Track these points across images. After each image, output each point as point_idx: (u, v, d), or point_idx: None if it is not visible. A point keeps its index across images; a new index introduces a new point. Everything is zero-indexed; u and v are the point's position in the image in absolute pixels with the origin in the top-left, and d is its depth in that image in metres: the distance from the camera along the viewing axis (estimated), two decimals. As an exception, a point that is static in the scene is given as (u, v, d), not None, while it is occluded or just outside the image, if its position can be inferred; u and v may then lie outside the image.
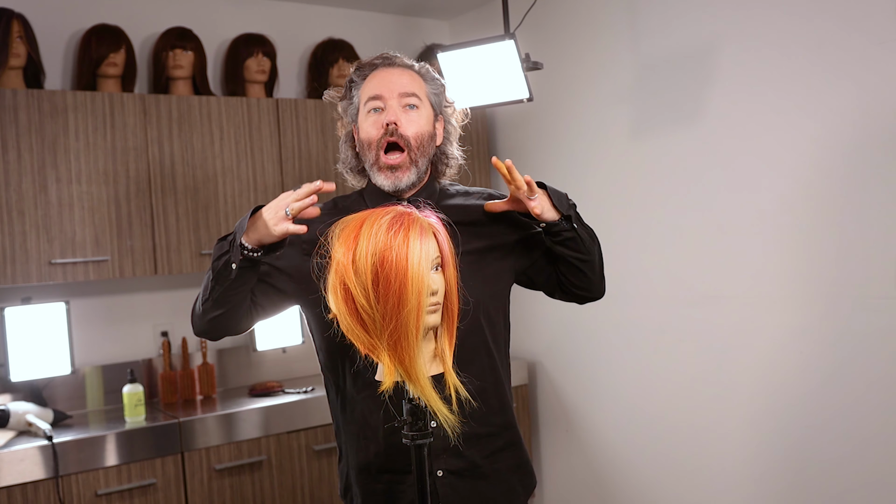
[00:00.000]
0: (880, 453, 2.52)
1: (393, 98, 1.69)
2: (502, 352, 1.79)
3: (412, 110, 1.70)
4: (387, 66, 1.74)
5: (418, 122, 1.70)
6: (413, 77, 1.74)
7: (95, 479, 2.75)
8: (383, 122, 1.68)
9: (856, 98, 2.54)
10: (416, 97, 1.71)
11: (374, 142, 1.69)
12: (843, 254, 2.59)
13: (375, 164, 1.70)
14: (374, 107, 1.70)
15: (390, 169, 1.69)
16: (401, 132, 1.68)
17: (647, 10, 3.18)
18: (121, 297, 3.35)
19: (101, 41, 3.12)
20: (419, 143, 1.70)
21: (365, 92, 1.73)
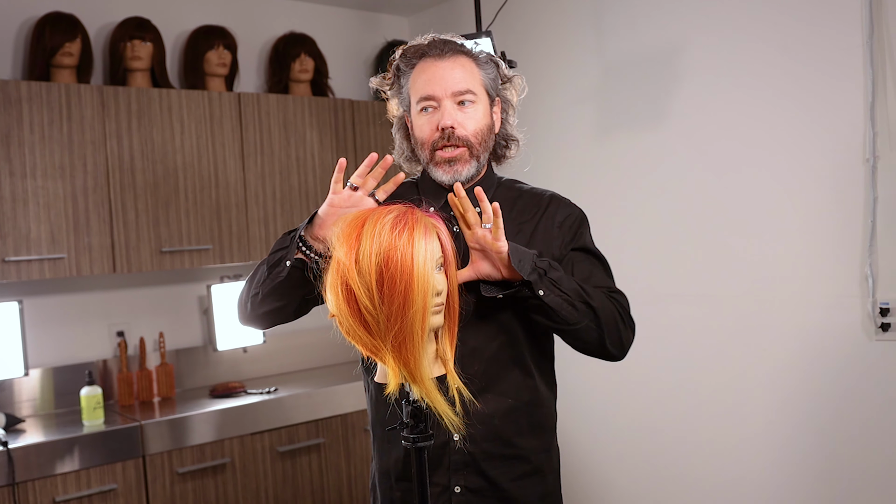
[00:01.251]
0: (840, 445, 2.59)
1: (446, 97, 1.59)
2: (544, 370, 1.69)
3: (468, 106, 1.60)
4: (437, 58, 1.61)
5: (475, 118, 1.61)
6: (465, 67, 1.61)
7: (53, 485, 2.64)
8: (438, 125, 1.59)
9: (820, 101, 2.60)
10: (470, 93, 1.60)
11: (429, 142, 1.62)
12: (805, 253, 2.65)
13: (431, 161, 1.63)
14: (426, 106, 1.61)
15: (448, 163, 1.61)
16: (458, 134, 1.59)
17: (613, 12, 3.21)
18: (74, 296, 3.23)
19: (55, 30, 2.99)
20: (479, 139, 1.62)
21: (416, 88, 1.62)
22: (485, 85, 1.64)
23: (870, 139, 2.46)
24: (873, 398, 2.51)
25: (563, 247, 1.65)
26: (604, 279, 1.66)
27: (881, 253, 2.47)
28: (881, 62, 2.45)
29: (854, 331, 2.55)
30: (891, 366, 2.47)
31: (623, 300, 1.63)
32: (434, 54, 1.62)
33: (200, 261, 3.19)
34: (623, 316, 1.60)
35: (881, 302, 2.47)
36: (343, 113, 3.61)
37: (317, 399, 3.21)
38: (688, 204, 3.00)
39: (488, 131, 1.65)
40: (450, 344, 1.48)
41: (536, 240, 1.65)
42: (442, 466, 1.59)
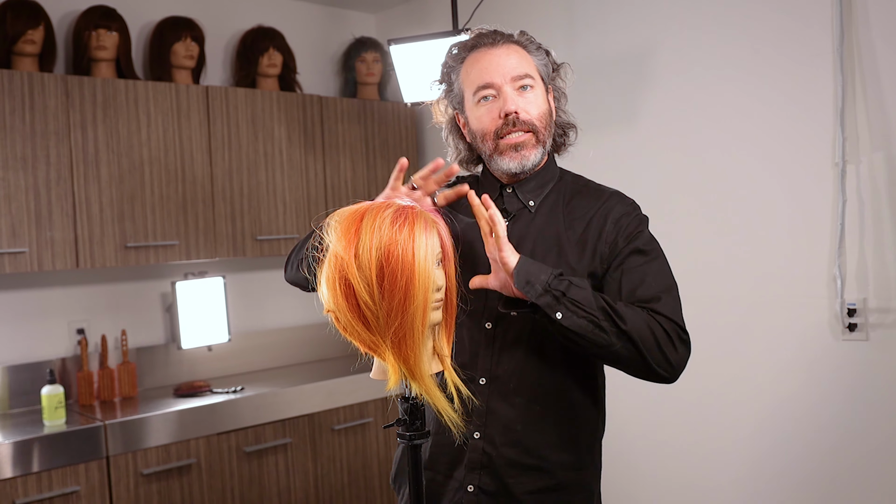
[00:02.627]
0: (808, 444, 2.64)
1: (506, 83, 1.54)
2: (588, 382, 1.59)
3: (528, 91, 1.56)
4: (490, 47, 1.58)
5: (536, 103, 1.57)
6: (520, 53, 1.58)
7: (13, 487, 2.54)
8: (502, 111, 1.54)
9: (791, 105, 2.65)
10: (529, 77, 1.56)
11: (492, 132, 1.56)
12: (775, 254, 2.70)
13: (495, 150, 1.57)
14: (485, 95, 1.56)
15: (514, 148, 1.55)
16: (523, 119, 1.54)
17: (585, 13, 3.23)
18: (32, 291, 3.13)
19: (17, 16, 2.89)
20: (543, 123, 1.58)
21: (471, 79, 1.58)
22: (539, 71, 1.61)
23: (839, 144, 2.52)
24: (840, 397, 2.56)
25: (615, 245, 1.56)
26: (653, 287, 1.51)
27: (849, 255, 2.53)
28: (851, 68, 2.50)
29: (822, 331, 2.60)
30: (857, 365, 2.53)
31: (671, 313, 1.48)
32: (486, 44, 1.59)
33: (166, 256, 3.11)
34: (668, 333, 1.46)
35: (848, 303, 2.52)
36: (311, 108, 3.56)
37: (283, 398, 3.17)
38: (656, 205, 3.02)
39: (549, 116, 1.61)
40: (447, 340, 1.46)
41: (589, 235, 1.57)
42: (461, 462, 1.57)
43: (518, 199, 1.61)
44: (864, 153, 2.49)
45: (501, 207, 1.60)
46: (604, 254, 1.56)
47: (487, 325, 1.57)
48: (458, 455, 1.57)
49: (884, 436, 2.47)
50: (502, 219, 1.44)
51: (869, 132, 2.48)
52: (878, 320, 2.49)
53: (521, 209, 1.61)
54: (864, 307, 2.50)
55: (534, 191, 1.61)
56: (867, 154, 2.49)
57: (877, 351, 2.49)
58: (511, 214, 1.60)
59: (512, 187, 1.61)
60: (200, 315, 3.38)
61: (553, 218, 1.60)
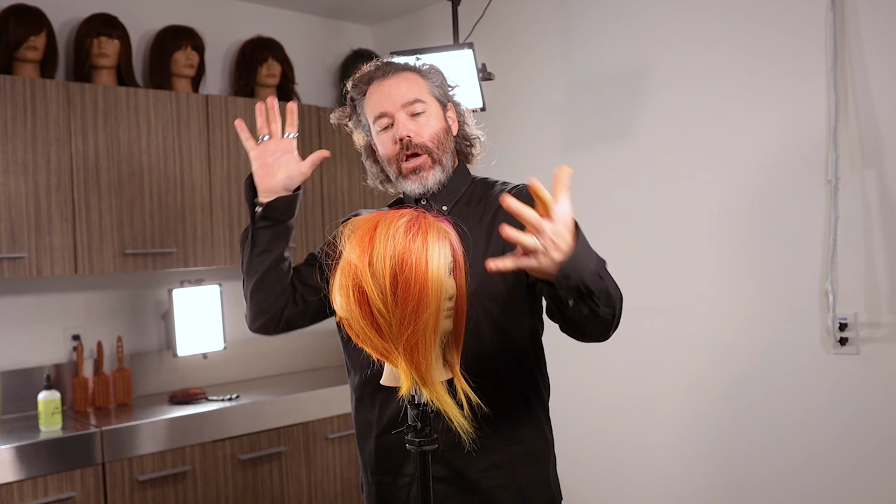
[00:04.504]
0: (810, 465, 2.68)
1: (398, 111, 1.67)
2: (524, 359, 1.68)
3: (420, 116, 1.68)
4: (382, 78, 1.70)
5: (429, 125, 1.69)
6: (410, 80, 1.70)
7: (9, 493, 2.54)
8: (395, 137, 1.67)
9: (781, 125, 2.70)
10: (419, 102, 1.68)
11: (394, 157, 1.69)
12: (768, 269, 2.75)
13: (400, 174, 1.70)
14: (383, 125, 1.69)
15: (414, 172, 1.68)
16: (416, 143, 1.66)
17: (582, 29, 3.27)
18: (29, 297, 3.12)
19: (20, 23, 2.91)
20: (436, 143, 1.69)
21: (369, 110, 1.71)
22: (433, 93, 1.72)
23: (832, 161, 2.57)
24: (831, 410, 2.61)
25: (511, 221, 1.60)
26: None
27: (841, 270, 2.58)
28: (844, 87, 2.56)
29: (813, 345, 2.65)
30: (847, 379, 2.57)
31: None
32: (379, 76, 1.70)
33: (164, 264, 3.12)
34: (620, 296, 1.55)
35: (840, 317, 2.57)
36: (309, 119, 3.59)
37: (278, 407, 3.18)
38: (651, 218, 3.07)
39: (445, 135, 1.71)
40: (456, 348, 1.49)
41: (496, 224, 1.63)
42: (408, 459, 1.64)
43: (432, 208, 1.69)
44: (856, 170, 2.55)
45: None
46: None
47: None
48: (403, 452, 1.62)
49: (873, 449, 2.52)
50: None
51: (861, 149, 2.54)
52: (868, 335, 2.53)
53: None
54: (856, 322, 2.55)
55: (446, 198, 1.73)
56: (859, 171, 2.54)
57: (867, 365, 2.53)
58: None
59: (427, 199, 1.72)
60: (196, 323, 3.38)
61: (464, 216, 1.68)
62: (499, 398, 1.62)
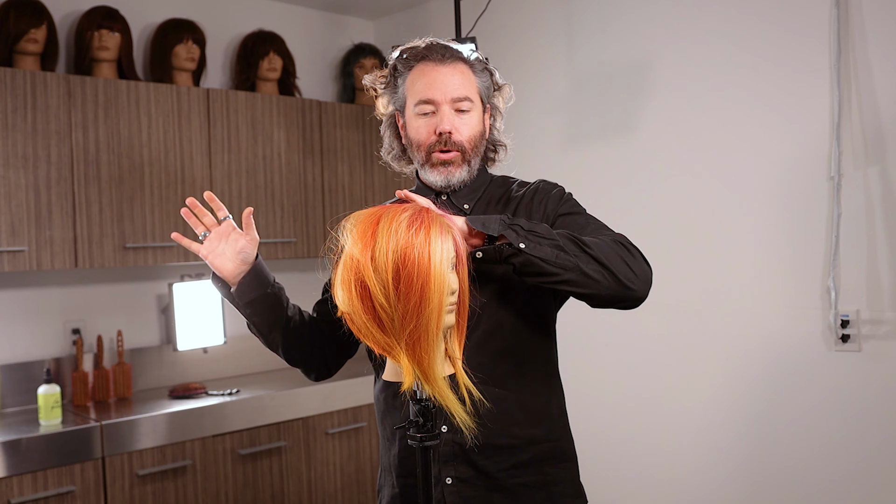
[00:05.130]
0: (812, 462, 2.68)
1: (446, 103, 1.63)
2: (540, 359, 1.68)
3: (465, 114, 1.65)
4: (437, 63, 1.65)
5: (470, 125, 1.66)
6: (464, 74, 1.66)
7: (8, 487, 2.54)
8: (437, 129, 1.63)
9: (784, 122, 2.69)
10: (468, 100, 1.64)
11: (426, 145, 1.66)
12: (770, 266, 2.74)
13: (427, 162, 1.66)
14: (425, 111, 1.64)
15: (443, 164, 1.65)
16: (454, 139, 1.63)
17: (584, 25, 3.26)
18: (29, 290, 3.12)
19: (20, 15, 2.90)
20: (472, 144, 1.66)
21: (415, 90, 1.66)
22: (480, 92, 1.69)
23: (835, 157, 2.56)
24: (832, 407, 2.60)
25: (545, 216, 1.65)
26: (599, 228, 1.60)
27: (843, 267, 2.57)
28: (847, 84, 2.55)
29: (815, 341, 2.64)
30: (849, 375, 2.57)
31: (622, 238, 1.54)
32: (435, 59, 1.65)
33: (164, 258, 3.11)
34: (627, 247, 1.51)
35: (842, 314, 2.56)
36: (311, 113, 3.58)
37: (278, 401, 3.17)
38: (653, 215, 3.07)
39: (480, 137, 1.69)
40: (459, 343, 1.48)
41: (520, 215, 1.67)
42: (435, 460, 1.60)
43: (453, 205, 1.69)
44: (859, 167, 2.54)
45: None
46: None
47: None
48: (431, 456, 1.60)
49: (875, 446, 2.51)
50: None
51: (864, 146, 2.53)
52: (870, 332, 2.53)
53: (457, 213, 1.66)
54: (857, 319, 2.54)
55: (467, 196, 1.71)
56: (862, 168, 2.53)
57: (869, 362, 2.53)
58: None
59: (447, 195, 1.70)
60: (196, 317, 3.38)
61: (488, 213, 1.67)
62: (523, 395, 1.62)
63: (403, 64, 1.69)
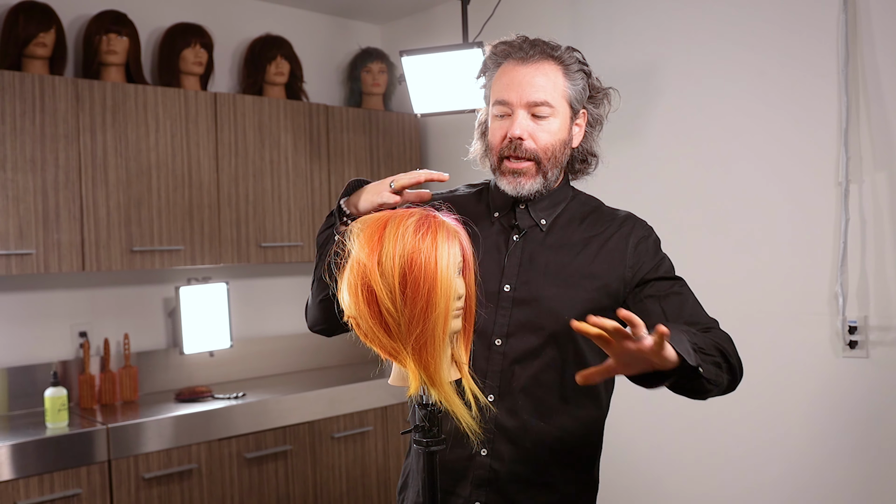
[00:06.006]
0: (818, 469, 2.67)
1: (521, 106, 1.52)
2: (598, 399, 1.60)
3: (542, 120, 1.53)
4: (520, 62, 1.55)
5: (549, 132, 1.54)
6: (549, 75, 1.54)
7: (15, 489, 2.54)
8: (508, 133, 1.53)
9: (792, 127, 2.69)
10: (546, 106, 1.52)
11: (497, 149, 1.56)
12: (777, 271, 2.73)
13: (498, 168, 1.57)
14: (500, 112, 1.55)
15: (513, 174, 1.54)
16: (526, 147, 1.52)
17: (592, 29, 3.26)
18: (36, 294, 3.13)
19: (29, 19, 2.91)
20: (549, 155, 1.54)
21: (495, 90, 1.56)
22: (568, 96, 1.56)
23: (843, 163, 2.55)
24: (840, 413, 2.59)
25: (637, 269, 1.58)
26: (696, 308, 1.55)
27: (851, 273, 2.56)
28: (855, 89, 2.54)
29: (822, 348, 2.63)
30: (857, 381, 2.56)
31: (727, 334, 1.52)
32: (518, 56, 1.56)
33: (171, 262, 3.12)
34: (736, 351, 1.49)
35: (849, 320, 2.55)
36: (318, 117, 3.58)
37: (284, 405, 3.17)
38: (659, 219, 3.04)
39: (562, 146, 1.56)
40: (465, 348, 1.48)
41: (603, 256, 1.59)
42: (466, 479, 1.58)
43: (530, 216, 1.61)
44: (867, 172, 2.53)
45: (513, 223, 1.61)
46: (627, 277, 1.58)
47: (497, 342, 1.57)
48: (461, 471, 1.58)
49: (884, 452, 2.50)
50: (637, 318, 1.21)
51: (872, 152, 2.52)
52: (878, 338, 2.52)
53: (533, 227, 1.61)
54: (865, 325, 2.53)
55: (546, 209, 1.61)
56: (870, 173, 2.52)
57: (877, 368, 2.52)
58: (523, 231, 1.61)
59: (525, 204, 1.61)
60: (203, 320, 3.38)
61: (567, 236, 1.60)
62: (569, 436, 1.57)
63: (493, 60, 1.60)
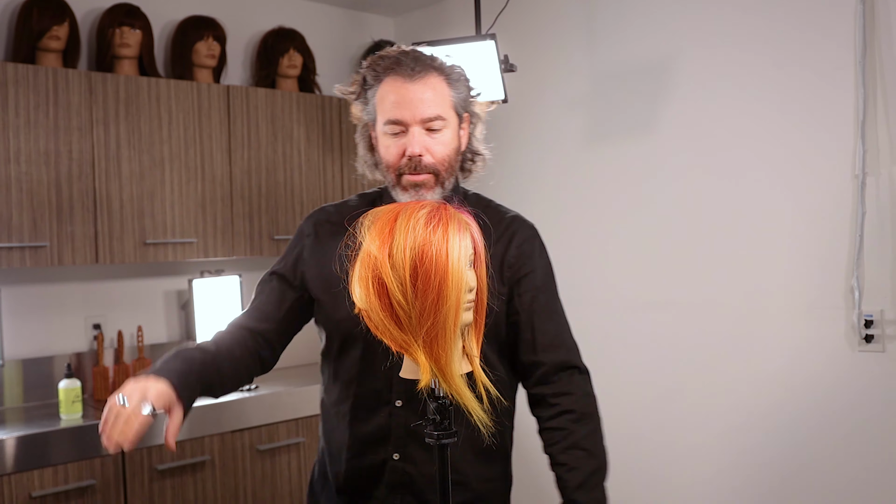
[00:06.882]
0: (834, 463, 2.65)
1: (416, 124, 1.54)
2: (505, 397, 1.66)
3: (437, 133, 1.57)
4: (407, 79, 1.55)
5: (443, 143, 1.58)
6: (436, 89, 1.56)
7: (29, 480, 2.56)
8: (406, 151, 1.56)
9: (812, 116, 2.66)
10: (439, 119, 1.56)
11: (395, 166, 1.58)
12: (792, 265, 2.71)
13: (397, 184, 1.60)
14: (395, 131, 1.56)
15: (414, 187, 1.58)
16: (426, 163, 1.56)
17: (606, 22, 3.24)
18: (50, 286, 3.14)
19: (43, 12, 2.92)
20: (446, 165, 1.59)
21: (383, 108, 1.57)
22: (454, 105, 1.60)
23: (860, 156, 2.53)
24: (856, 408, 2.57)
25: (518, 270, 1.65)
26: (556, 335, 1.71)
27: (867, 266, 2.53)
28: (873, 81, 2.51)
29: (838, 342, 2.61)
30: (873, 376, 2.53)
31: (579, 361, 1.79)
32: (405, 73, 1.56)
33: (184, 254, 3.13)
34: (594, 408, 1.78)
35: (865, 314, 2.53)
36: (330, 110, 3.58)
37: (297, 397, 3.18)
38: (675, 214, 3.04)
39: (455, 154, 1.62)
40: (476, 341, 1.47)
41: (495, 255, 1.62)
42: (382, 483, 1.63)
43: None
44: (884, 165, 2.50)
45: None
46: (508, 277, 1.65)
47: None
48: (374, 476, 1.62)
49: (899, 448, 2.48)
50: None
51: (890, 144, 2.49)
52: (895, 332, 2.49)
53: None
54: (882, 319, 2.50)
55: None
56: (887, 166, 2.49)
57: (893, 363, 2.49)
58: None
59: None
60: (216, 313, 3.39)
61: None
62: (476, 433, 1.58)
63: (373, 76, 1.59)
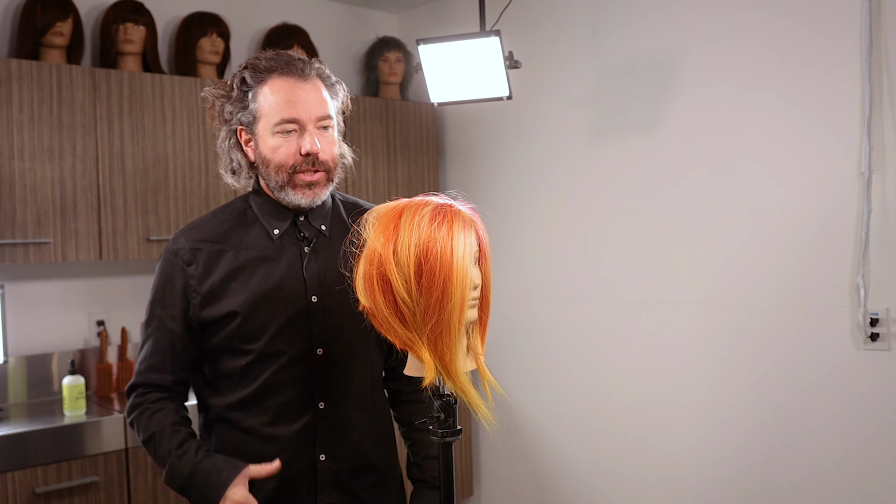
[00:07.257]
0: (840, 463, 2.64)
1: (311, 122, 1.58)
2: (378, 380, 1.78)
3: (327, 132, 1.62)
4: (299, 79, 1.58)
5: (333, 142, 1.64)
6: (324, 90, 1.63)
7: (33, 476, 2.56)
8: (303, 150, 1.58)
9: (818, 113, 2.65)
10: (329, 118, 1.62)
11: (289, 165, 1.59)
12: (798, 263, 2.70)
13: (289, 183, 1.60)
14: (287, 130, 1.57)
15: (308, 186, 1.61)
16: (321, 160, 1.60)
17: (610, 18, 3.23)
18: (54, 282, 3.14)
19: (47, 8, 2.91)
20: (335, 163, 1.65)
21: (274, 107, 1.57)
22: (337, 108, 1.68)
23: (865, 153, 2.52)
24: (861, 406, 2.56)
25: None
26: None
27: (872, 264, 2.52)
28: (879, 78, 2.50)
29: (843, 340, 2.60)
30: (878, 374, 2.53)
31: None
32: (295, 74, 1.59)
33: (187, 251, 3.12)
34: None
35: (871, 312, 2.52)
36: (334, 107, 3.57)
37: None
38: (679, 210, 3.03)
39: (339, 154, 1.68)
40: (481, 339, 1.47)
41: None
42: (303, 485, 1.64)
43: (312, 226, 1.68)
44: (890, 163, 2.49)
45: (300, 235, 1.68)
46: None
47: (319, 352, 1.65)
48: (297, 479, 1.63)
49: (904, 446, 2.47)
50: None
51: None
52: (900, 331, 2.48)
53: (318, 234, 1.69)
54: (887, 317, 2.50)
55: (322, 216, 1.70)
56: (893, 164, 2.49)
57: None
58: (311, 241, 1.68)
59: (305, 216, 1.67)
60: (219, 310, 3.38)
61: (343, 237, 1.60)
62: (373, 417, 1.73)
63: (256, 77, 1.58)
